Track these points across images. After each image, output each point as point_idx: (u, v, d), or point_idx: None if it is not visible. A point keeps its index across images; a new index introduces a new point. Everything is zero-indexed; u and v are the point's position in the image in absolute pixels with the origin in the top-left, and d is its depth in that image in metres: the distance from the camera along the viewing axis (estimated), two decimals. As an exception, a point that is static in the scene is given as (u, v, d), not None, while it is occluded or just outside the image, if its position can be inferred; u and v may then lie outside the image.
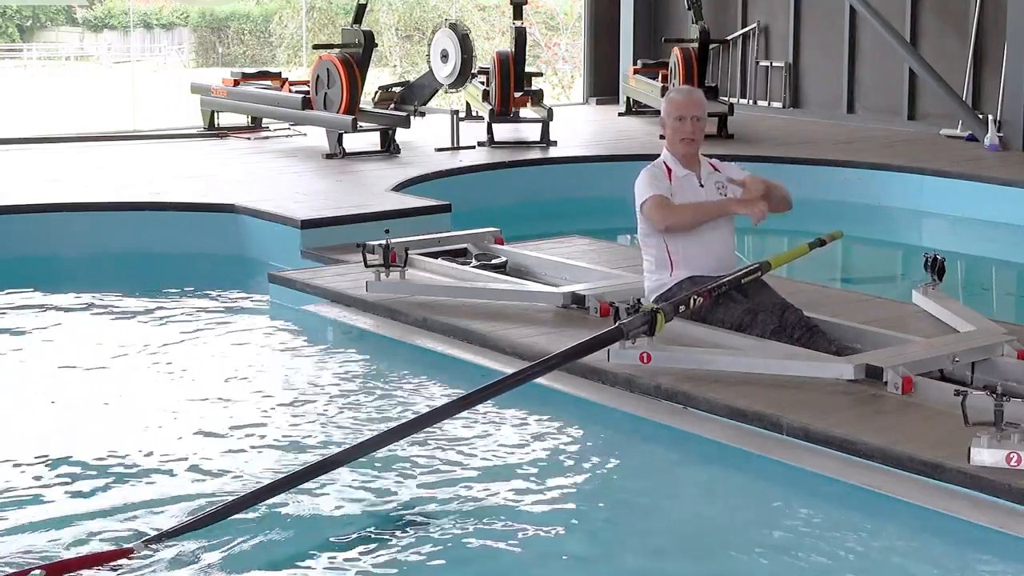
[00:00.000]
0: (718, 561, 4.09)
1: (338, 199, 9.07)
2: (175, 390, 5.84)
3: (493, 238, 7.64)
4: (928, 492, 4.26)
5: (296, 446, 5.04)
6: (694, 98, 5.93)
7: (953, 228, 10.27)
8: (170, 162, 10.97)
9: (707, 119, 6.05)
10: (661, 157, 5.95)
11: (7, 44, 30.62)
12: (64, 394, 5.87)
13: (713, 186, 5.89)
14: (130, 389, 5.92)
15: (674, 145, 5.87)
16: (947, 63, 12.85)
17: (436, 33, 12.20)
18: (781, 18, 14.88)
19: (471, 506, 4.44)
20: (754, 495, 4.65)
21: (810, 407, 4.78)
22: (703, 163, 5.94)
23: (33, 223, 8.53)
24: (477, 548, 4.13)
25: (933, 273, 6.28)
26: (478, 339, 5.93)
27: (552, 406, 5.37)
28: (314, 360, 6.32)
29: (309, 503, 4.42)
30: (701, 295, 5.45)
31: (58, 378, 6.10)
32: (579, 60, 18.37)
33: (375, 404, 5.56)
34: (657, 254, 5.82)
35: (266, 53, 27.37)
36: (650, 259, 5.86)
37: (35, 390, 5.93)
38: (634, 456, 5.10)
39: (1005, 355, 5.26)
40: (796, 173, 10.89)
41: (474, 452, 4.94)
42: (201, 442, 5.08)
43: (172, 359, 6.36)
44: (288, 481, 4.40)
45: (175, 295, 7.66)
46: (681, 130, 5.82)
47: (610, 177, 10.96)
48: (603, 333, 5.17)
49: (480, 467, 4.79)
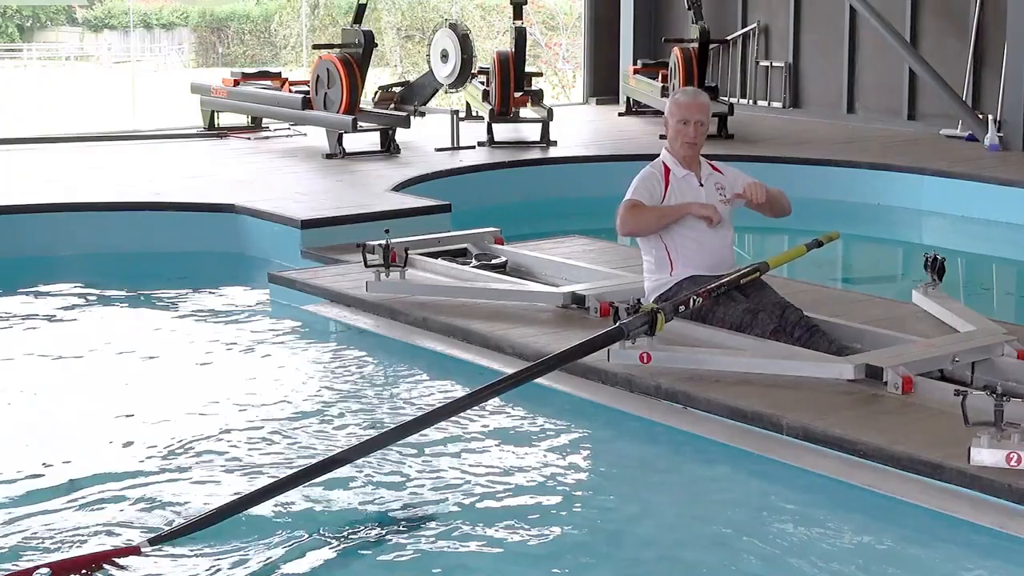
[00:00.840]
0: (718, 561, 4.09)
1: (338, 199, 9.07)
2: (175, 390, 5.84)
3: (493, 238, 7.64)
4: (928, 492, 4.26)
5: (297, 446, 5.04)
6: (699, 102, 5.93)
7: (953, 228, 10.27)
8: (170, 162, 10.97)
9: (709, 122, 6.06)
10: (660, 157, 5.97)
11: (7, 44, 30.62)
12: (63, 394, 5.87)
13: (712, 187, 5.91)
14: (130, 389, 5.91)
15: (675, 146, 5.90)
16: (947, 63, 12.84)
17: (436, 33, 12.20)
18: (781, 18, 14.87)
19: (470, 506, 4.44)
20: (754, 495, 4.64)
21: (810, 407, 4.78)
22: (703, 164, 5.97)
23: (33, 223, 8.53)
24: (476, 548, 4.13)
25: (933, 273, 6.28)
26: (478, 339, 5.93)
27: (552, 406, 5.37)
28: (314, 360, 6.33)
29: (312, 503, 4.42)
30: (700, 295, 5.47)
31: (58, 378, 6.11)
32: (579, 60, 18.38)
33: (375, 404, 5.56)
34: (656, 254, 5.84)
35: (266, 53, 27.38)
36: (650, 259, 5.88)
37: (34, 390, 5.93)
38: (634, 456, 5.09)
39: (1005, 355, 5.26)
40: (796, 173, 10.91)
41: (474, 452, 4.94)
42: (201, 442, 5.08)
43: (172, 359, 6.36)
44: (293, 479, 4.40)
45: (175, 295, 7.66)
46: (684, 133, 5.84)
47: (610, 177, 10.94)
48: (605, 333, 5.17)
49: (480, 467, 4.79)
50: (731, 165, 6.18)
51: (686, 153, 5.87)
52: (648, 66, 14.42)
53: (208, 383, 5.98)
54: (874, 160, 11.16)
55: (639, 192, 5.83)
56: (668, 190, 5.83)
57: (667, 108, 5.98)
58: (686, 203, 5.79)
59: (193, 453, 4.95)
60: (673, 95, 6.05)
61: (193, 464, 4.84)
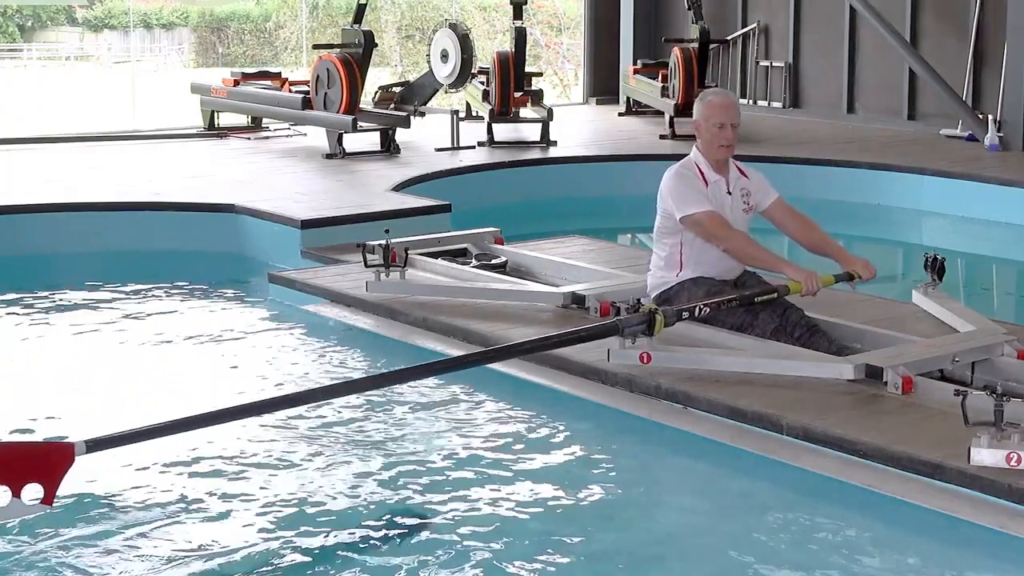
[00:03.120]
0: (717, 561, 4.09)
1: (338, 199, 9.07)
2: (174, 390, 5.84)
3: (493, 238, 7.63)
4: (928, 492, 4.26)
5: (296, 445, 5.04)
6: (733, 101, 5.75)
7: (953, 228, 10.27)
8: (170, 162, 10.97)
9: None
10: (691, 158, 5.73)
11: (7, 44, 30.61)
12: (63, 394, 5.87)
13: (739, 193, 5.75)
14: (129, 389, 5.92)
15: (711, 150, 5.66)
16: (947, 63, 12.85)
17: (436, 33, 12.20)
18: (781, 18, 14.88)
19: (468, 505, 4.44)
20: (754, 495, 4.64)
21: (810, 407, 4.78)
22: (731, 168, 5.79)
23: (33, 223, 8.53)
24: (475, 548, 4.13)
25: (933, 273, 6.28)
26: (478, 339, 5.93)
27: (552, 406, 5.37)
28: (314, 360, 6.32)
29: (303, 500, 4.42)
30: (709, 306, 5.39)
31: (57, 378, 6.11)
32: (579, 60, 18.37)
33: (375, 404, 5.55)
34: (670, 252, 5.72)
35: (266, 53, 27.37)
36: (661, 256, 5.76)
37: (34, 390, 5.93)
38: (634, 456, 5.10)
39: (1005, 355, 5.26)
40: (796, 173, 10.91)
41: (473, 451, 4.94)
42: (201, 442, 5.08)
43: (172, 359, 6.36)
44: (237, 412, 4.50)
45: (175, 295, 7.66)
46: (721, 136, 5.61)
47: (610, 177, 10.97)
48: (600, 325, 5.17)
49: (479, 466, 4.79)
50: (755, 169, 5.96)
51: (721, 157, 5.67)
52: (648, 66, 14.42)
53: (208, 383, 5.98)
54: (874, 160, 11.16)
55: (697, 200, 5.55)
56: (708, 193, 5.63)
57: (698, 111, 5.70)
58: (787, 263, 5.60)
59: (189, 453, 4.95)
60: (702, 97, 5.76)
61: (187, 462, 4.84)
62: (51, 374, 6.17)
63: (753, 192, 5.79)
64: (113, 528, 4.25)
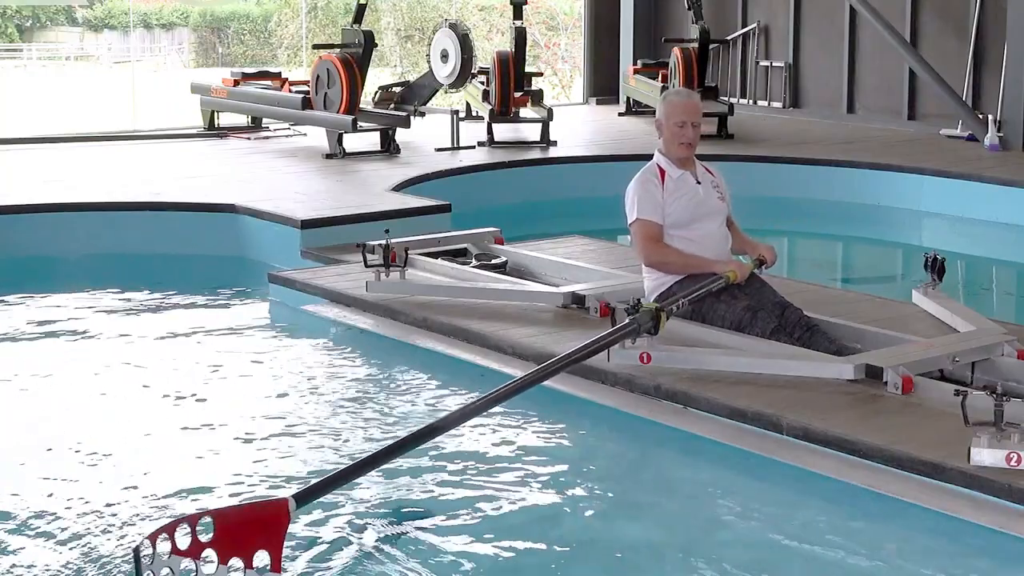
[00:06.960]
0: (717, 561, 4.09)
1: (338, 199, 9.07)
2: (174, 390, 5.83)
3: (493, 238, 7.64)
4: (928, 492, 4.26)
5: (296, 445, 5.04)
6: (694, 101, 5.91)
7: (953, 228, 10.27)
8: (170, 162, 10.97)
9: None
10: (654, 159, 5.90)
11: (7, 44, 30.62)
12: (62, 395, 5.87)
13: (709, 184, 5.88)
14: (129, 389, 5.91)
15: (671, 148, 5.83)
16: (947, 63, 12.84)
17: (436, 33, 12.20)
18: (781, 18, 14.88)
19: (469, 506, 4.44)
20: (754, 495, 4.64)
21: (810, 407, 4.78)
22: (697, 164, 5.93)
23: (33, 223, 8.53)
24: (474, 548, 4.13)
25: (933, 273, 6.28)
26: (478, 339, 5.93)
27: (552, 406, 5.37)
28: (314, 360, 6.32)
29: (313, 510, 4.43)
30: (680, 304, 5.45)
31: (57, 378, 6.11)
32: (579, 60, 18.37)
33: (375, 404, 5.56)
34: None
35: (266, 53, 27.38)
36: None
37: (33, 390, 5.93)
38: (634, 456, 5.10)
39: (1005, 355, 5.26)
40: (796, 173, 10.92)
41: (473, 451, 4.94)
42: (201, 442, 5.08)
43: (172, 359, 6.36)
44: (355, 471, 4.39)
45: (175, 295, 7.66)
46: (681, 135, 5.77)
47: (610, 177, 10.92)
48: (620, 328, 5.16)
49: (479, 467, 4.78)
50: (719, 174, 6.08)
51: (682, 155, 5.82)
52: (648, 66, 14.42)
53: (207, 383, 5.97)
54: (874, 160, 11.16)
55: (645, 209, 5.73)
56: (665, 192, 5.78)
57: (660, 110, 5.88)
58: (712, 260, 5.69)
59: (189, 453, 4.96)
60: (664, 97, 5.96)
61: (187, 464, 4.84)
62: (51, 374, 6.17)
63: (722, 186, 5.93)
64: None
